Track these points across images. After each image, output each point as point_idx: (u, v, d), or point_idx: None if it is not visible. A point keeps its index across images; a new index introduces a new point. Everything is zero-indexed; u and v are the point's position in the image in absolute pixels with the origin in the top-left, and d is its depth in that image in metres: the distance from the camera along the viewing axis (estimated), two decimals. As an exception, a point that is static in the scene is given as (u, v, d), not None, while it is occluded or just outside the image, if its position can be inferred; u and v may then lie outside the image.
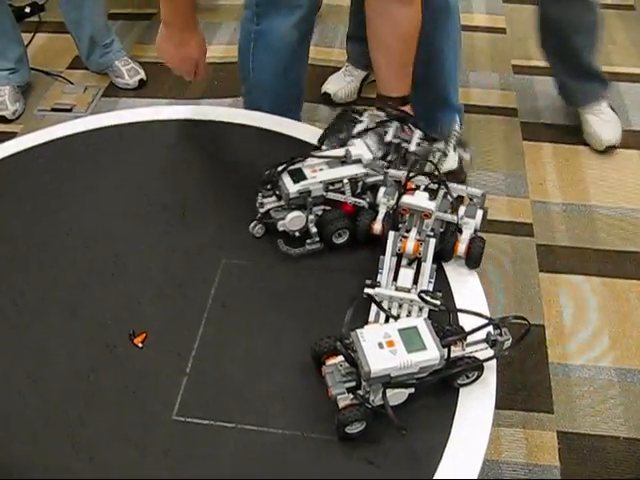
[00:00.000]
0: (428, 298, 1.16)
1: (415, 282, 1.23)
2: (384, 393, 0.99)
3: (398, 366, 0.98)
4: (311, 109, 2.59)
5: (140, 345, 1.18)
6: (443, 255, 1.25)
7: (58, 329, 1.22)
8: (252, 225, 1.35)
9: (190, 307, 1.24)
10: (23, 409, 1.11)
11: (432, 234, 1.23)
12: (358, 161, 1.33)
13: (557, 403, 1.71)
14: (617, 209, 2.22)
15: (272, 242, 1.34)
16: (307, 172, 1.31)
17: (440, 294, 1.20)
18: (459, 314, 1.18)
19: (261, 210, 1.34)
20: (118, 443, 1.05)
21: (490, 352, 1.07)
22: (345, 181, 1.31)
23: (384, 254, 1.24)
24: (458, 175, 1.28)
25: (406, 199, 1.23)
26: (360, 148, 1.35)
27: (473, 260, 1.25)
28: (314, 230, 1.32)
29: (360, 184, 1.34)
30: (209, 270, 1.30)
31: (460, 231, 1.25)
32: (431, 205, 1.21)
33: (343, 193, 1.32)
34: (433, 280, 1.24)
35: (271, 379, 1.13)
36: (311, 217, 1.31)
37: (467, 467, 1.01)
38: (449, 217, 1.24)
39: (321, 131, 1.46)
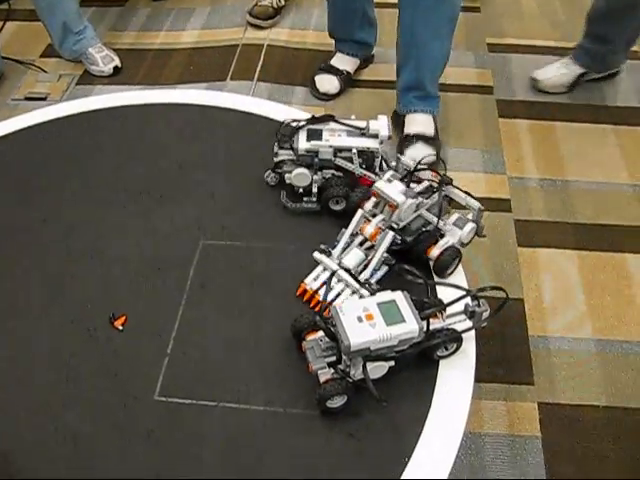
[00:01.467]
0: (362, 290, 1.17)
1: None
2: (364, 366, 1.00)
3: (377, 339, 0.99)
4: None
5: (120, 328, 1.18)
6: (415, 254, 1.22)
7: (38, 314, 1.22)
8: (266, 174, 1.39)
9: (169, 289, 1.24)
10: (4, 394, 1.11)
11: (396, 227, 1.21)
12: (375, 136, 1.33)
13: (537, 375, 1.73)
14: (592, 183, 2.24)
15: (250, 223, 1.35)
16: (325, 134, 1.33)
17: (375, 287, 1.17)
18: (437, 287, 1.19)
19: (275, 159, 1.36)
20: (101, 426, 1.06)
21: (469, 323, 1.08)
22: (354, 151, 1.32)
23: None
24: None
25: (379, 184, 1.22)
26: (381, 125, 1.35)
27: (438, 267, 1.21)
28: (315, 190, 1.34)
29: (378, 160, 1.35)
30: (188, 251, 1.30)
31: (442, 236, 1.22)
32: (399, 198, 1.19)
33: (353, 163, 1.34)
34: (381, 273, 1.22)
35: (252, 357, 1.13)
36: (316, 177, 1.33)
37: (448, 438, 1.02)
38: (430, 217, 1.23)
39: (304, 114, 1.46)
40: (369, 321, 1.00)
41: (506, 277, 1.95)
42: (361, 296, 1.16)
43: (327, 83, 2.64)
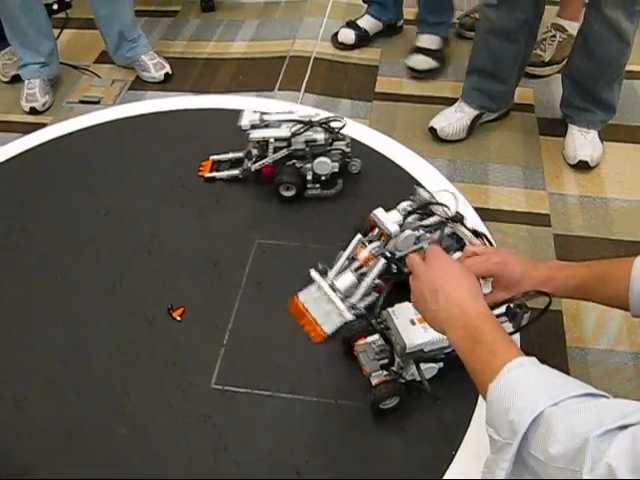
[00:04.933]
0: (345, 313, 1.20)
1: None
2: (418, 366, 1.04)
3: (430, 341, 1.03)
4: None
5: (178, 319, 1.24)
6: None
7: (99, 303, 1.29)
8: None
9: (225, 284, 1.30)
10: (68, 377, 1.17)
11: (389, 255, 1.22)
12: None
13: (574, 386, 1.74)
14: (632, 201, 2.26)
15: (304, 223, 1.40)
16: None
17: (362, 312, 1.20)
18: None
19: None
20: (160, 410, 1.12)
21: (510, 327, 1.11)
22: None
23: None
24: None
25: (377, 211, 1.24)
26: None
27: None
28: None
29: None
30: (243, 249, 1.36)
31: None
32: (392, 228, 1.21)
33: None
34: (370, 299, 1.23)
35: (305, 351, 1.19)
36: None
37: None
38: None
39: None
40: (421, 324, 1.04)
41: (544, 290, 1.97)
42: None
43: (345, 36, 3.01)
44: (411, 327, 1.05)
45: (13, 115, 2.77)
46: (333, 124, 1.45)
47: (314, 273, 1.27)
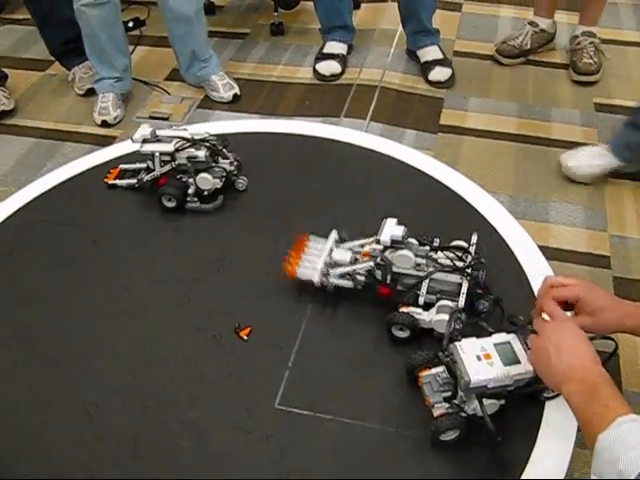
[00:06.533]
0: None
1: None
2: (481, 402, 1.05)
3: (495, 377, 1.04)
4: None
5: (245, 338, 1.27)
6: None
7: (168, 318, 1.33)
8: None
9: (292, 306, 1.33)
10: (136, 388, 1.21)
11: (378, 261, 1.26)
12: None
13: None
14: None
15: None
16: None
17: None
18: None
19: None
20: (224, 425, 1.14)
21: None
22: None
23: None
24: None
25: (387, 220, 1.29)
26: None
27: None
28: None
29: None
30: (311, 273, 1.38)
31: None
32: (383, 237, 1.25)
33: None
34: (344, 282, 1.31)
35: (368, 379, 1.20)
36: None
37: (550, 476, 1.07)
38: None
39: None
40: (487, 360, 1.06)
41: (602, 332, 1.96)
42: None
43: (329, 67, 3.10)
44: (477, 362, 1.06)
45: (85, 127, 2.87)
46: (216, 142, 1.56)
47: (334, 232, 1.36)
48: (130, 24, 3.38)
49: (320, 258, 1.32)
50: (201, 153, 1.53)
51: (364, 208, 1.53)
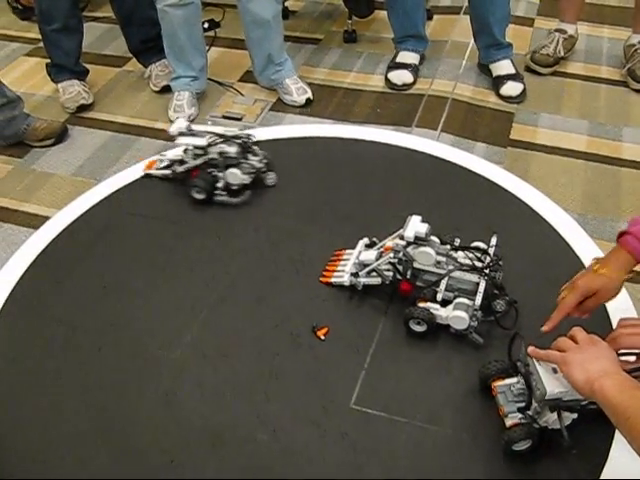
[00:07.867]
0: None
1: None
2: (559, 413, 1.06)
3: (570, 391, 1.05)
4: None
5: (322, 338, 1.30)
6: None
7: (247, 313, 1.37)
8: None
9: (370, 309, 1.35)
10: (215, 379, 1.25)
11: (400, 256, 1.31)
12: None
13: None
14: None
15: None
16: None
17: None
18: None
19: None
20: (299, 421, 1.17)
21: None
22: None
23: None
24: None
25: (412, 217, 1.32)
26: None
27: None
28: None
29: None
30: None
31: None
32: (407, 232, 1.28)
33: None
34: (374, 280, 1.35)
35: (443, 383, 1.22)
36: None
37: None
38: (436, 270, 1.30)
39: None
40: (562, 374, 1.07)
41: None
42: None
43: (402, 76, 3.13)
44: (553, 375, 1.07)
45: (160, 123, 2.94)
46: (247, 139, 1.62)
47: (365, 239, 1.44)
48: (205, 25, 3.45)
49: (349, 261, 1.40)
50: (232, 149, 1.59)
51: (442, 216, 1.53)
